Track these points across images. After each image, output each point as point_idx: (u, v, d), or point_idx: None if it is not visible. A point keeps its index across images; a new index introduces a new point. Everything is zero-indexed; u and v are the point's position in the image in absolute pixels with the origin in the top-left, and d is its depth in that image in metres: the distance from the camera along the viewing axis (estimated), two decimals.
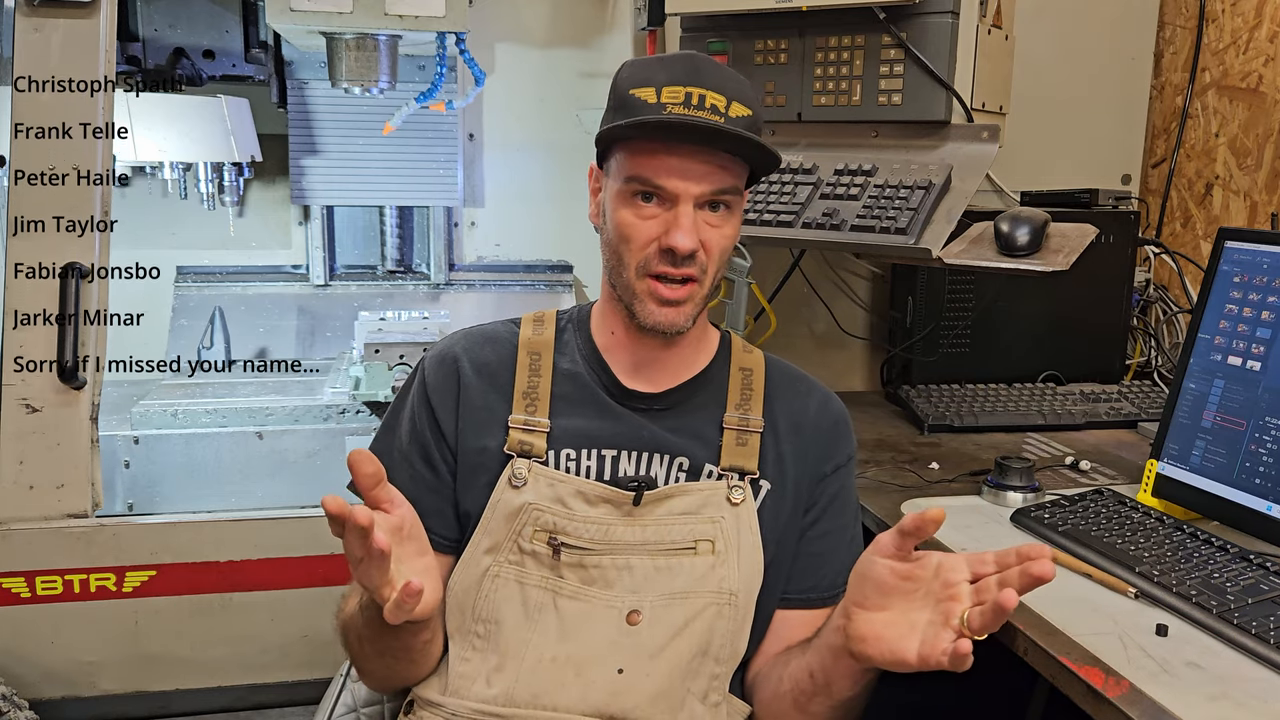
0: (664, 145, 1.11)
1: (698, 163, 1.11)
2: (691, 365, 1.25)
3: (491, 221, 2.99)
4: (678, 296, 1.14)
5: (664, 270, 1.13)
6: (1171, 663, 1.07)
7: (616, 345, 1.23)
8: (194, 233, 2.88)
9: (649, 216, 1.13)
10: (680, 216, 1.11)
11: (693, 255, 1.12)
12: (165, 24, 2.67)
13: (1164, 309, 2.34)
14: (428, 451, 1.21)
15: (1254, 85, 2.20)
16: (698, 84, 1.12)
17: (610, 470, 1.19)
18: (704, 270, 1.15)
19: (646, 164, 1.12)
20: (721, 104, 1.11)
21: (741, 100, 1.13)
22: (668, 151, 1.11)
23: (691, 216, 1.12)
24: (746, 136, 1.10)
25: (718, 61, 1.18)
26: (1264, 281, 1.40)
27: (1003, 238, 1.73)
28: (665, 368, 1.23)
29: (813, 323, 2.41)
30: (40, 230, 2.08)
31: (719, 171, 1.12)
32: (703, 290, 1.16)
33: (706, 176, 1.12)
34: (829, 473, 1.25)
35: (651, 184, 1.12)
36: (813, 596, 1.23)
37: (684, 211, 1.12)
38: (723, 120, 1.11)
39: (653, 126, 1.10)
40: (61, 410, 2.11)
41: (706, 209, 1.13)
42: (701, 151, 1.11)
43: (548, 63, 2.83)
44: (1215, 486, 1.40)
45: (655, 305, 1.15)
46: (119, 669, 2.21)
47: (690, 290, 1.15)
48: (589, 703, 1.13)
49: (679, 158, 1.11)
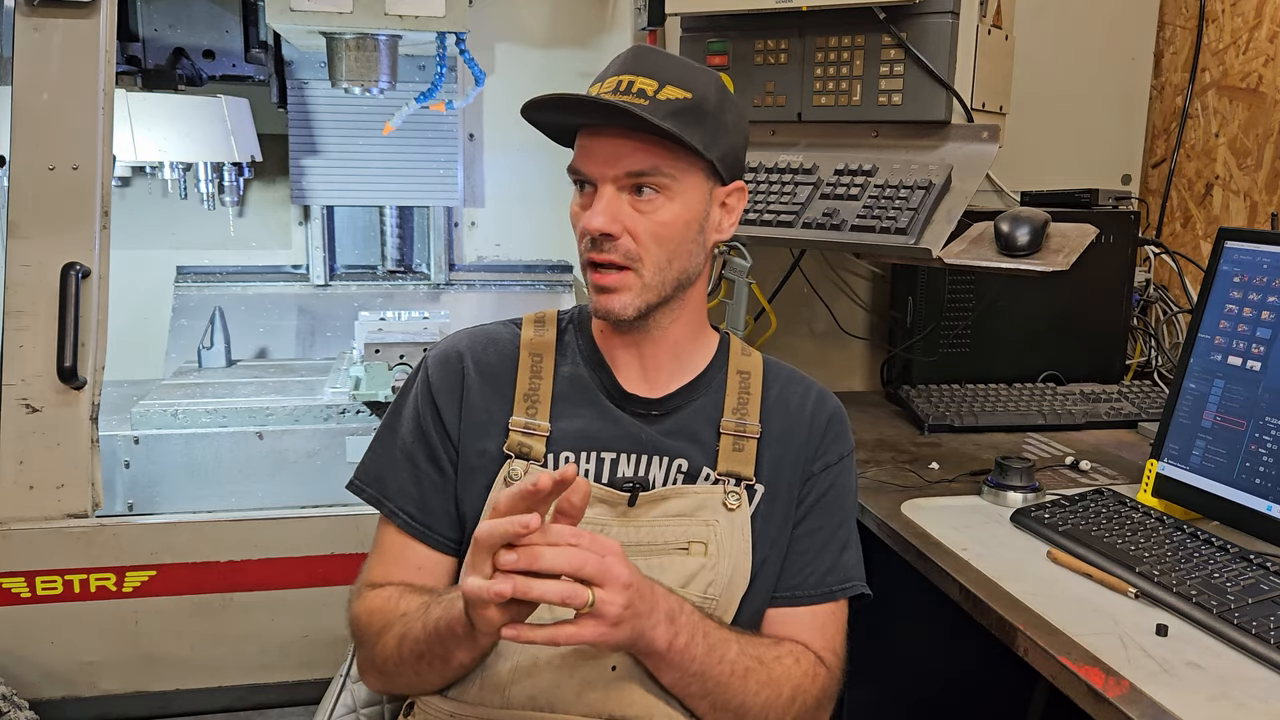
0: (590, 133, 1.13)
1: (613, 145, 1.11)
2: (690, 367, 1.25)
3: (491, 221, 3.00)
4: (608, 283, 1.13)
5: (591, 257, 1.14)
6: (1171, 663, 1.07)
7: (612, 345, 1.23)
8: (194, 233, 2.88)
9: (585, 205, 1.14)
10: (597, 200, 1.12)
11: (612, 239, 1.11)
12: (165, 24, 2.68)
13: (1164, 309, 2.34)
14: (433, 451, 1.21)
15: (1254, 85, 2.20)
16: (631, 71, 1.11)
17: (609, 472, 1.19)
18: (635, 258, 1.12)
19: (578, 153, 1.14)
20: (651, 88, 1.10)
21: (680, 84, 1.11)
22: (591, 137, 1.12)
23: (608, 199, 1.11)
24: (634, 113, 1.06)
25: (663, 51, 1.18)
26: (1264, 281, 1.40)
27: (1003, 238, 1.73)
28: (663, 368, 1.23)
29: (813, 323, 2.41)
30: (40, 230, 2.08)
31: (637, 152, 1.10)
32: (642, 280, 1.13)
33: (621, 158, 1.10)
34: (817, 471, 1.24)
35: (579, 172, 1.14)
36: (799, 594, 1.22)
37: (600, 194, 1.12)
38: (647, 103, 1.09)
39: (544, 103, 1.11)
40: (61, 410, 2.11)
41: (632, 193, 1.12)
42: (622, 135, 1.10)
43: (548, 63, 2.83)
44: (1215, 486, 1.40)
45: (595, 293, 1.15)
46: (119, 669, 2.21)
47: (623, 278, 1.13)
48: (585, 702, 1.13)
49: (599, 140, 1.11)
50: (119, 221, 2.27)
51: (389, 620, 1.13)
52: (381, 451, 1.24)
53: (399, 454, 1.22)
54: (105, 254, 2.13)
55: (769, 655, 1.13)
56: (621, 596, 0.94)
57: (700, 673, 1.07)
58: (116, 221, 2.19)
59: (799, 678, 1.15)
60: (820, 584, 1.22)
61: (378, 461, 1.24)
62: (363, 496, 1.23)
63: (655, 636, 1.01)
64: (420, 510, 1.20)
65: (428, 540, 1.20)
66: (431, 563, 1.20)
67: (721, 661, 1.08)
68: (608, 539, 0.96)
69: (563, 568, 0.91)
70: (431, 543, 1.20)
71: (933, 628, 1.81)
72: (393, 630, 1.12)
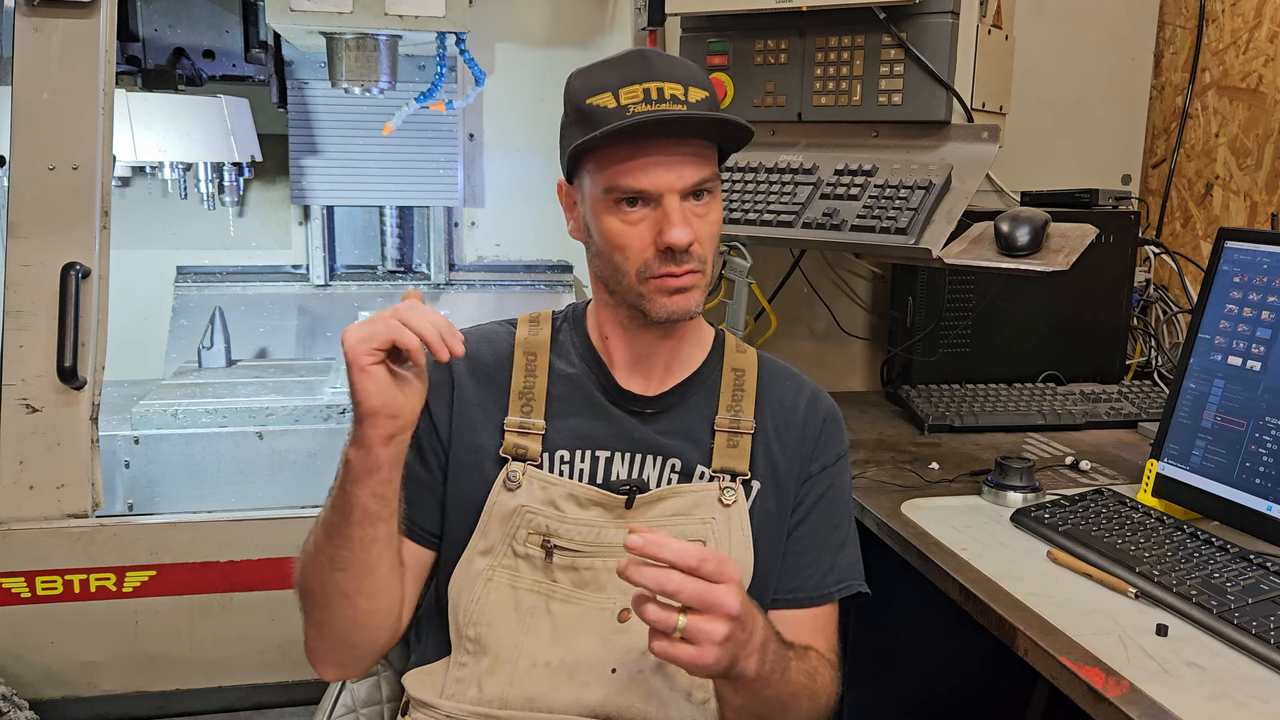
0: (635, 147, 1.10)
1: (673, 156, 1.10)
2: (686, 363, 1.25)
3: (491, 221, 2.99)
4: (686, 283, 1.14)
5: (668, 271, 1.13)
6: (1171, 663, 1.07)
7: (613, 343, 1.23)
8: (194, 233, 2.88)
9: (637, 220, 1.12)
10: (670, 213, 1.11)
11: (688, 250, 1.12)
12: (165, 24, 2.67)
13: (1164, 309, 2.34)
14: (420, 445, 1.21)
15: (1254, 85, 2.20)
16: (651, 78, 1.11)
17: (604, 472, 1.19)
18: (703, 261, 1.15)
19: (623, 170, 1.11)
20: (680, 92, 1.11)
21: (696, 84, 1.13)
22: (641, 152, 1.10)
23: (681, 211, 1.11)
24: (718, 118, 1.10)
25: (658, 50, 1.18)
26: (1264, 281, 1.40)
27: (1003, 238, 1.73)
28: (661, 365, 1.23)
29: (813, 323, 2.41)
30: (40, 230, 2.08)
31: (695, 160, 1.12)
32: (705, 277, 1.16)
33: (685, 168, 1.11)
34: (814, 473, 1.24)
35: (633, 189, 1.11)
36: (799, 596, 1.22)
37: (672, 207, 1.11)
38: (686, 108, 1.10)
39: (628, 131, 1.08)
40: (61, 410, 2.11)
41: (691, 199, 1.13)
42: (673, 144, 1.10)
43: (548, 63, 2.83)
44: (1215, 486, 1.40)
45: (665, 297, 1.14)
46: (119, 669, 2.21)
47: (695, 278, 1.15)
48: (584, 704, 1.13)
49: (653, 156, 1.10)
50: (119, 221, 2.27)
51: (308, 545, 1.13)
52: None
53: None
54: (105, 254, 2.13)
55: (811, 667, 1.13)
56: (724, 628, 0.93)
57: (772, 696, 1.06)
58: (116, 221, 2.19)
59: (829, 687, 1.16)
60: (820, 585, 1.22)
61: None
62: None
63: (747, 666, 0.99)
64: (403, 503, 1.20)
65: (410, 534, 1.20)
66: (410, 556, 1.20)
67: (787, 683, 1.07)
68: (732, 564, 0.95)
69: (656, 587, 0.91)
70: (412, 536, 1.20)
71: (933, 628, 1.81)
72: (310, 548, 1.12)
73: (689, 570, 0.91)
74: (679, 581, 0.91)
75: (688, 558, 0.91)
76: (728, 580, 0.93)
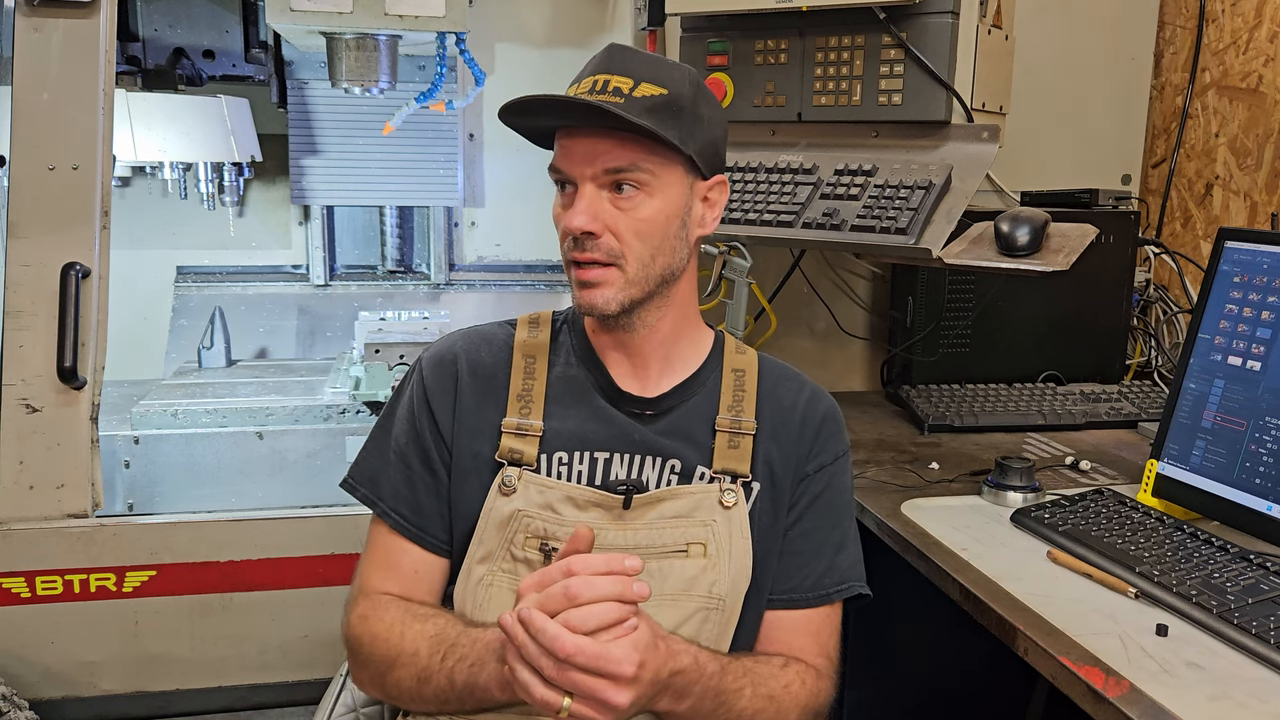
0: (568, 133, 1.14)
1: (590, 143, 1.11)
2: (685, 366, 1.24)
3: (491, 221, 3.00)
4: (590, 278, 1.13)
5: (574, 256, 1.14)
6: (1171, 663, 1.07)
7: (602, 343, 1.23)
8: (194, 233, 2.88)
9: (566, 205, 1.15)
10: (576, 199, 1.13)
11: (594, 238, 1.11)
12: (165, 24, 2.68)
13: (1164, 309, 2.34)
14: (427, 453, 1.21)
15: (1254, 85, 2.20)
16: (607, 70, 1.12)
17: (602, 473, 1.19)
18: (617, 255, 1.13)
19: (557, 154, 1.15)
20: (626, 86, 1.11)
21: (655, 81, 1.12)
22: (568, 137, 1.13)
23: (589, 198, 1.12)
24: (604, 109, 1.07)
25: (640, 49, 1.18)
26: (1264, 281, 1.40)
27: (1003, 238, 1.73)
28: (655, 366, 1.22)
29: (813, 323, 2.41)
30: (40, 230, 2.08)
31: (615, 150, 1.11)
32: (626, 275, 1.13)
33: (599, 156, 1.11)
34: (811, 473, 1.23)
35: (560, 171, 1.14)
36: (795, 597, 1.21)
37: (581, 193, 1.12)
38: (622, 100, 1.09)
39: (519, 107, 1.12)
40: (61, 410, 2.11)
41: (612, 190, 1.13)
42: (601, 133, 1.11)
43: (548, 63, 2.83)
44: (1215, 486, 1.40)
45: (579, 289, 1.15)
46: (119, 669, 2.21)
47: (606, 273, 1.13)
48: None
49: (576, 140, 1.12)
50: (119, 221, 2.27)
51: (397, 653, 1.12)
52: (375, 451, 1.24)
53: (392, 455, 1.22)
54: (105, 254, 2.13)
55: (778, 687, 1.13)
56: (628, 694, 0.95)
57: None
58: (116, 221, 2.19)
59: (805, 699, 1.15)
60: (816, 587, 1.21)
61: (371, 461, 1.24)
62: (356, 495, 1.23)
63: (669, 707, 1.03)
64: (413, 512, 1.20)
65: (421, 542, 1.20)
66: (426, 565, 1.20)
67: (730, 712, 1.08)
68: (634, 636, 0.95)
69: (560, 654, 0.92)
70: (425, 544, 1.20)
71: (932, 628, 1.81)
72: (404, 669, 1.11)
73: (566, 657, 0.92)
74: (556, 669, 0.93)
75: (562, 645, 0.92)
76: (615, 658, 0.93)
